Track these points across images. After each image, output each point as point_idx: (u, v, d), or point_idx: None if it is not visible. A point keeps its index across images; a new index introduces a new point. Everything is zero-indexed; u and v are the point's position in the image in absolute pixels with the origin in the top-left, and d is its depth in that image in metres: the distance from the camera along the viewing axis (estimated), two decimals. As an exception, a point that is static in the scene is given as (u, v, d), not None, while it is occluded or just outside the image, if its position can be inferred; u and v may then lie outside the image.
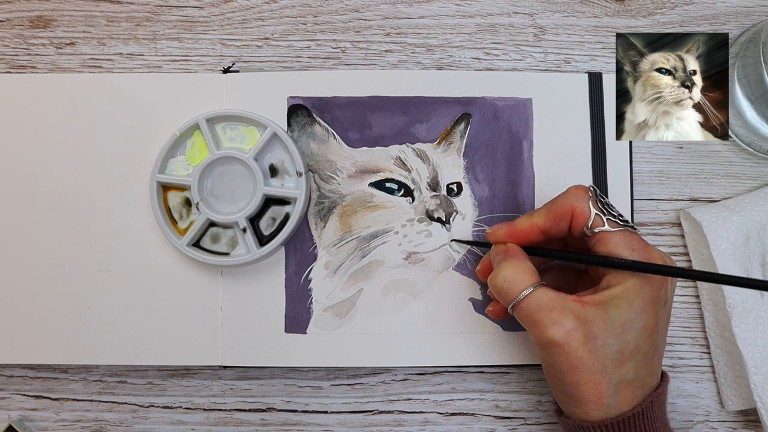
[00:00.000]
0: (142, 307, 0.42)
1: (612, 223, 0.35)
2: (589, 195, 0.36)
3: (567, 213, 0.36)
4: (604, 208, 0.36)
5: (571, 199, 0.36)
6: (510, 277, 0.36)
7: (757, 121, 0.43)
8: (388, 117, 0.44)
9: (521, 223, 0.37)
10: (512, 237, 0.38)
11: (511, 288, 0.35)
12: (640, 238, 0.35)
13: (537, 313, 0.34)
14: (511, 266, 0.36)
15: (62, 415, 0.44)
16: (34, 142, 0.43)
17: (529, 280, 0.35)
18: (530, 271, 0.36)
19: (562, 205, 0.36)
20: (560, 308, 0.34)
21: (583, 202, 0.36)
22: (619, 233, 0.35)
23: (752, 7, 0.46)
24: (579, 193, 0.36)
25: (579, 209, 0.35)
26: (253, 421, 0.44)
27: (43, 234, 0.43)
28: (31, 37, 0.46)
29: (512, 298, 0.35)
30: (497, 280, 0.36)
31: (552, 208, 0.36)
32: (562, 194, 0.37)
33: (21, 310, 0.42)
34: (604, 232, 0.35)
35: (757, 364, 0.41)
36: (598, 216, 0.35)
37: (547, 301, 0.34)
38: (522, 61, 0.46)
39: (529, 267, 0.36)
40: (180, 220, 0.42)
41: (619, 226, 0.35)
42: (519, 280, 0.35)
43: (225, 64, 0.45)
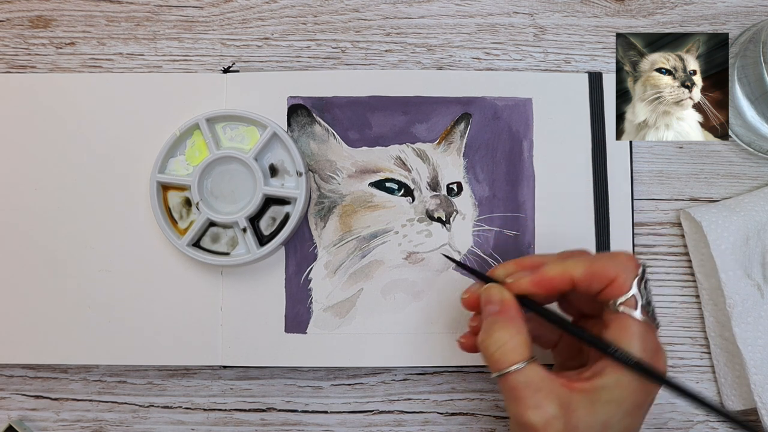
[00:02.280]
0: (142, 307, 0.42)
1: (644, 311, 0.33)
2: (638, 272, 0.33)
3: (608, 279, 0.33)
4: (644, 291, 0.33)
5: (619, 267, 0.33)
6: (505, 345, 0.33)
7: (757, 121, 0.43)
8: (388, 117, 0.44)
9: (552, 270, 0.34)
10: (538, 285, 0.34)
11: (503, 357, 0.33)
12: (657, 338, 0.33)
13: (522, 390, 0.32)
14: (509, 333, 0.33)
15: (62, 415, 0.44)
16: (34, 142, 0.43)
17: (523, 353, 0.33)
18: (526, 343, 0.33)
19: (606, 268, 0.33)
20: (547, 391, 0.32)
21: (629, 276, 0.33)
22: (641, 324, 0.32)
23: (752, 7, 0.46)
24: (629, 265, 0.33)
25: (621, 281, 0.33)
26: (253, 421, 0.44)
27: (43, 234, 0.43)
28: (31, 37, 0.46)
29: (501, 367, 0.33)
30: (490, 343, 0.33)
31: (595, 266, 0.33)
32: (610, 256, 0.34)
33: (21, 310, 0.42)
34: (629, 315, 0.33)
35: (757, 364, 0.41)
36: (634, 297, 0.33)
37: (536, 381, 0.32)
38: (522, 61, 0.46)
39: (525, 338, 0.33)
40: (180, 220, 0.42)
41: (647, 317, 0.33)
42: (514, 351, 0.33)
43: (225, 64, 0.45)
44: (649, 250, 0.45)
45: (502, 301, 0.34)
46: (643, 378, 0.32)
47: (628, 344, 0.32)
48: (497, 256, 0.43)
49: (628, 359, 0.32)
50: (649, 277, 0.34)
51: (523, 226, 0.43)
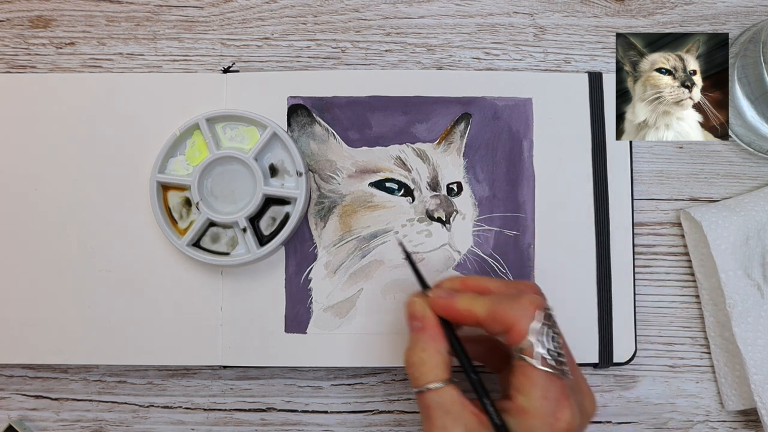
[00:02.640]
0: (142, 307, 0.42)
1: (544, 361, 0.32)
2: (534, 317, 0.32)
3: (506, 324, 0.33)
4: (543, 339, 0.32)
5: (517, 312, 0.32)
6: (424, 364, 0.34)
7: (757, 121, 0.43)
8: (388, 117, 0.44)
9: (461, 302, 0.34)
10: (445, 312, 0.35)
11: (421, 375, 0.34)
12: (565, 390, 0.32)
13: (433, 411, 0.33)
14: (428, 354, 0.34)
15: (62, 415, 0.44)
16: (33, 142, 0.43)
17: (439, 374, 0.33)
18: (444, 365, 0.34)
19: (506, 313, 0.33)
20: (456, 415, 0.32)
21: (524, 322, 0.32)
22: (542, 374, 0.32)
23: (752, 7, 0.46)
24: (526, 310, 0.32)
25: (518, 327, 0.32)
26: (253, 421, 0.44)
27: (43, 234, 0.43)
28: (31, 37, 0.46)
29: (419, 384, 0.34)
30: (412, 358, 0.34)
31: (496, 308, 0.33)
32: (512, 300, 0.33)
33: (21, 310, 0.42)
34: (528, 363, 0.32)
35: (757, 364, 0.41)
36: (531, 345, 0.32)
37: (447, 403, 0.33)
38: (522, 61, 0.46)
39: (444, 359, 0.34)
40: (180, 220, 0.42)
41: (548, 366, 0.32)
42: (431, 371, 0.33)
43: (225, 63, 0.45)
44: (649, 250, 0.45)
45: (423, 318, 0.35)
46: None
47: (527, 393, 0.32)
48: (497, 256, 0.43)
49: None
50: (553, 325, 0.33)
51: (523, 226, 0.43)
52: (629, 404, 0.44)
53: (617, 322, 0.43)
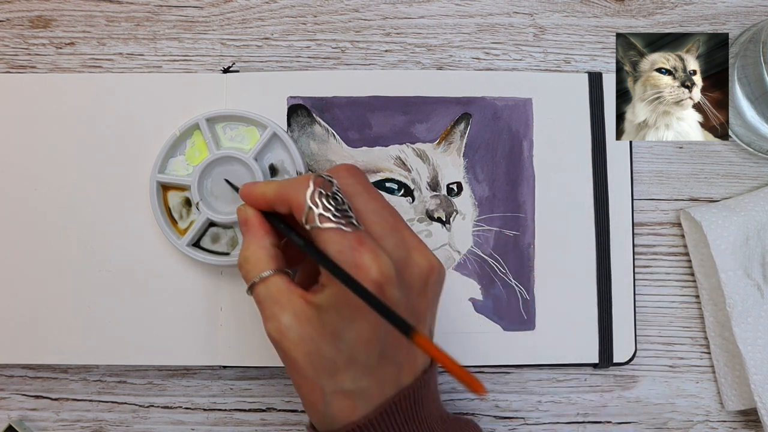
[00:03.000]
0: (142, 307, 0.42)
1: (323, 219, 0.31)
2: (308, 186, 0.32)
3: (285, 200, 0.33)
4: (322, 200, 0.31)
5: (294, 187, 0.32)
6: (248, 260, 0.34)
7: (757, 121, 0.43)
8: (388, 117, 0.44)
9: (258, 188, 0.35)
10: (251, 200, 0.35)
11: (248, 272, 0.33)
12: (359, 238, 0.31)
13: (263, 302, 0.33)
14: (251, 250, 0.34)
15: (62, 415, 0.44)
16: (34, 142, 0.43)
17: (264, 266, 0.33)
18: (268, 257, 0.33)
19: (287, 192, 0.33)
20: (283, 302, 0.32)
21: (300, 193, 0.32)
22: (331, 231, 0.31)
23: (752, 7, 0.46)
24: (299, 183, 0.32)
25: (295, 201, 0.32)
26: (253, 421, 0.44)
27: (43, 234, 0.43)
28: (31, 37, 0.46)
29: (248, 280, 0.33)
30: (240, 257, 0.34)
31: (279, 190, 0.34)
32: (292, 180, 0.33)
33: (21, 310, 0.42)
34: (316, 228, 0.31)
35: (757, 364, 0.41)
36: (311, 210, 0.31)
37: (274, 292, 0.32)
38: (522, 61, 0.46)
39: (267, 249, 0.34)
40: (180, 220, 0.42)
41: (332, 222, 0.31)
42: (256, 265, 0.33)
43: (225, 64, 0.45)
44: (649, 250, 0.45)
45: (246, 220, 0.35)
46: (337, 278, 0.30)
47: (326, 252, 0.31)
48: (497, 256, 0.43)
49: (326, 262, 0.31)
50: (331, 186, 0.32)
51: (523, 226, 0.43)
52: (629, 404, 0.44)
53: (617, 322, 0.43)
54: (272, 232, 0.35)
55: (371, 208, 0.33)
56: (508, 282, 0.43)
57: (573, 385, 0.44)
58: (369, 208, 0.33)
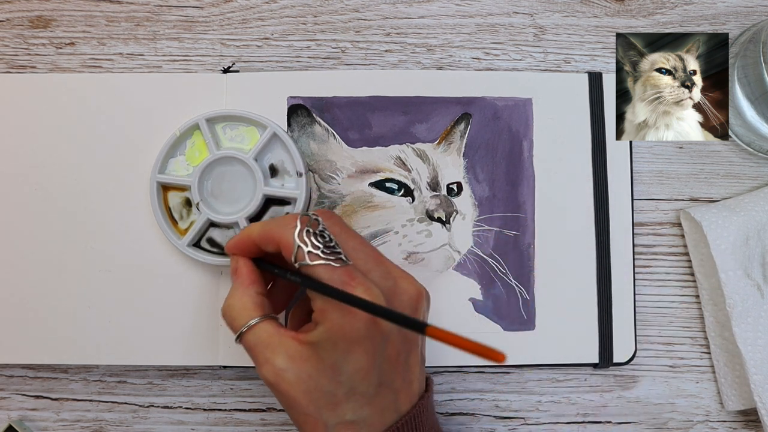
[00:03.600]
0: (142, 307, 0.42)
1: (313, 256, 0.32)
2: (296, 225, 0.33)
3: (273, 240, 0.34)
4: (310, 238, 0.33)
5: (280, 227, 0.34)
6: (235, 305, 0.34)
7: (757, 121, 0.43)
8: (388, 117, 0.44)
9: (243, 232, 0.36)
10: (237, 247, 0.36)
11: (233, 321, 0.34)
12: (349, 273, 0.32)
13: (254, 349, 0.33)
14: (236, 298, 0.35)
15: (62, 415, 0.44)
16: (34, 142, 0.43)
17: (251, 314, 0.34)
18: (253, 303, 0.34)
19: (273, 230, 0.34)
20: (275, 346, 0.33)
21: (288, 232, 0.33)
22: (320, 269, 0.32)
23: (752, 7, 0.46)
24: (286, 223, 0.34)
25: (284, 240, 0.33)
26: (253, 421, 0.44)
27: (43, 234, 0.43)
28: (31, 37, 0.46)
29: (235, 329, 0.34)
30: (224, 306, 0.35)
31: (265, 230, 0.34)
32: (278, 219, 0.35)
33: (21, 310, 0.42)
34: (306, 266, 0.32)
35: (757, 364, 0.41)
36: (300, 249, 0.32)
37: (264, 337, 0.33)
38: (522, 61, 0.46)
39: (252, 297, 0.34)
40: (180, 221, 0.42)
41: (321, 258, 0.32)
42: (241, 313, 0.34)
43: (225, 64, 0.45)
44: (649, 250, 0.45)
45: (236, 269, 0.36)
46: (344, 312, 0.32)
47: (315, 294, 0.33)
48: (497, 256, 0.43)
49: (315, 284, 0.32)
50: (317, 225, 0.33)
51: (523, 226, 0.43)
52: (629, 404, 0.44)
53: (617, 322, 0.43)
54: (258, 280, 0.36)
55: (353, 246, 0.35)
56: (508, 282, 0.43)
57: (573, 385, 0.44)
58: (351, 246, 0.35)
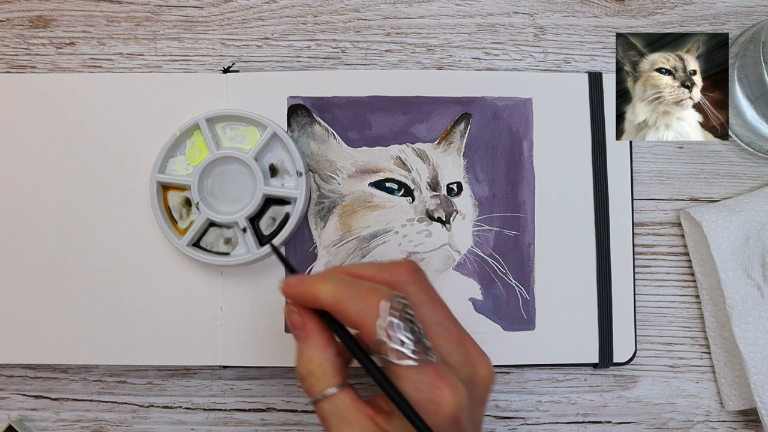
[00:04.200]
0: (142, 307, 0.42)
1: (400, 355, 0.29)
2: (380, 314, 0.29)
3: (349, 320, 0.30)
4: (397, 333, 0.29)
5: (361, 310, 0.30)
6: (311, 374, 0.32)
7: (757, 120, 0.43)
8: (388, 117, 0.44)
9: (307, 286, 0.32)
10: (298, 299, 0.32)
11: (311, 387, 0.32)
12: (437, 373, 0.29)
13: (329, 419, 0.31)
14: (314, 363, 0.32)
15: (62, 415, 0.44)
16: (34, 141, 0.43)
17: (330, 381, 0.32)
18: (333, 370, 0.32)
19: (349, 311, 0.30)
20: (351, 421, 0.31)
21: (370, 321, 0.29)
22: (405, 367, 0.29)
23: (752, 7, 0.46)
24: (370, 308, 0.30)
25: (364, 327, 0.30)
26: (253, 421, 0.44)
27: (43, 234, 0.43)
28: (31, 37, 0.46)
29: (314, 394, 0.32)
30: (301, 371, 0.32)
31: (341, 304, 0.31)
32: (357, 292, 0.30)
33: (21, 310, 0.42)
34: (390, 363, 0.29)
35: (757, 364, 0.41)
36: (385, 343, 0.29)
37: (341, 410, 0.31)
38: (522, 61, 0.46)
39: (331, 361, 0.32)
40: (180, 220, 0.42)
41: (410, 359, 0.29)
42: (321, 380, 0.32)
43: (225, 64, 0.45)
44: (649, 250, 0.45)
45: (304, 327, 0.32)
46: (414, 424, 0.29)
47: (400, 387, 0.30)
48: (497, 256, 0.43)
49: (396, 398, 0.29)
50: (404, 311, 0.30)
51: (523, 226, 0.43)
52: (629, 404, 0.44)
53: (617, 322, 0.43)
54: (332, 339, 0.32)
55: (436, 319, 0.32)
56: (508, 282, 0.43)
57: (573, 385, 0.44)
58: (434, 319, 0.32)
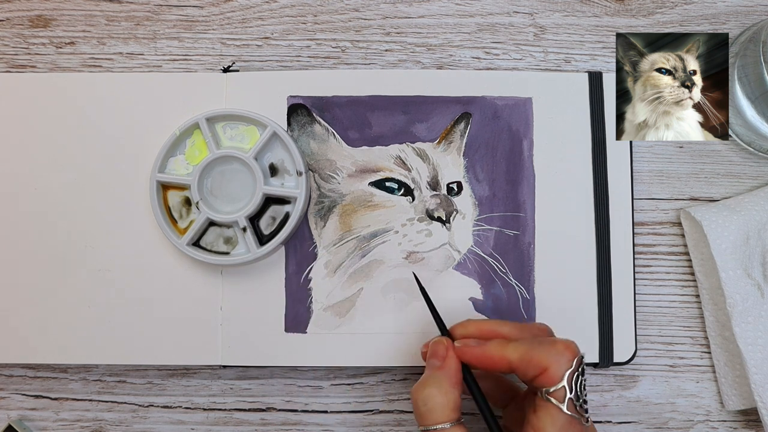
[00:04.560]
0: (142, 307, 0.42)
1: (570, 405, 0.33)
2: (571, 366, 0.33)
3: (541, 367, 0.33)
4: (576, 386, 0.33)
5: (552, 357, 0.33)
6: (431, 403, 0.34)
7: (757, 120, 0.43)
8: (388, 116, 0.44)
9: (494, 350, 0.35)
10: (476, 359, 0.35)
11: (429, 414, 0.34)
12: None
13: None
14: (440, 392, 0.34)
15: (62, 415, 0.44)
16: (34, 142, 0.43)
17: (449, 415, 0.33)
18: (454, 405, 0.34)
19: (541, 357, 0.33)
20: None
21: (561, 367, 0.33)
22: (566, 417, 0.32)
23: (752, 6, 0.46)
24: (564, 356, 0.33)
25: (553, 371, 0.33)
26: (253, 421, 0.44)
27: (43, 234, 0.43)
28: (31, 37, 0.46)
29: (426, 424, 0.34)
30: (420, 396, 0.34)
31: (532, 353, 0.34)
32: (549, 343, 0.34)
33: (21, 310, 0.42)
34: (555, 406, 0.33)
35: (757, 363, 0.41)
36: (564, 389, 0.33)
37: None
38: (522, 60, 0.46)
39: (455, 400, 0.34)
40: (180, 220, 0.42)
41: (575, 411, 0.33)
42: (440, 410, 0.33)
43: (225, 63, 0.45)
44: (649, 250, 0.45)
45: (446, 359, 0.35)
46: None
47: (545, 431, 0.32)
48: (497, 256, 0.43)
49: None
50: (583, 372, 0.34)
51: (523, 226, 0.43)
52: (629, 404, 0.44)
53: (617, 322, 0.43)
54: (462, 384, 0.35)
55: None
56: (508, 281, 0.43)
57: (573, 385, 0.44)
58: None
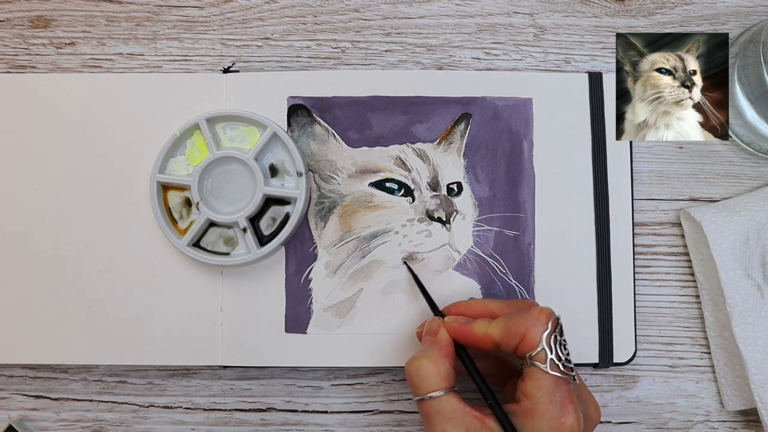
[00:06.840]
0: (142, 307, 0.42)
1: (553, 365, 0.34)
2: (547, 327, 0.34)
3: (520, 335, 0.34)
4: (555, 346, 0.34)
5: (529, 322, 0.34)
6: (424, 372, 0.35)
7: (757, 120, 0.43)
8: (388, 117, 0.44)
9: (478, 328, 0.36)
10: (463, 337, 0.37)
11: (421, 383, 0.35)
12: (571, 395, 0.34)
13: (434, 417, 0.34)
14: (432, 363, 0.35)
15: (62, 415, 0.44)
16: (34, 142, 0.43)
17: (440, 383, 0.35)
18: (446, 375, 0.35)
19: (518, 325, 0.35)
20: (456, 421, 0.34)
21: (538, 330, 0.34)
22: (550, 377, 0.33)
23: (752, 7, 0.46)
24: (538, 320, 0.34)
25: (530, 336, 0.34)
26: (253, 421, 0.44)
27: (43, 234, 0.43)
28: (31, 37, 0.46)
29: (419, 393, 0.35)
30: (413, 368, 0.35)
31: (509, 324, 0.35)
32: (523, 313, 0.35)
33: (21, 310, 0.42)
34: (538, 368, 0.34)
35: (757, 363, 0.41)
36: (544, 352, 0.34)
37: (447, 410, 0.34)
38: (522, 61, 0.46)
39: (446, 369, 0.35)
40: (180, 220, 0.42)
41: (559, 371, 0.34)
42: (432, 380, 0.35)
43: (225, 64, 0.45)
44: (649, 250, 0.45)
45: (438, 335, 0.37)
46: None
47: (534, 395, 0.33)
48: (497, 256, 0.43)
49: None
50: (562, 332, 0.35)
51: (523, 226, 0.43)
52: (629, 404, 0.44)
53: (617, 322, 0.43)
54: (454, 356, 0.37)
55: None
56: (508, 282, 0.43)
57: (573, 385, 0.44)
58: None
